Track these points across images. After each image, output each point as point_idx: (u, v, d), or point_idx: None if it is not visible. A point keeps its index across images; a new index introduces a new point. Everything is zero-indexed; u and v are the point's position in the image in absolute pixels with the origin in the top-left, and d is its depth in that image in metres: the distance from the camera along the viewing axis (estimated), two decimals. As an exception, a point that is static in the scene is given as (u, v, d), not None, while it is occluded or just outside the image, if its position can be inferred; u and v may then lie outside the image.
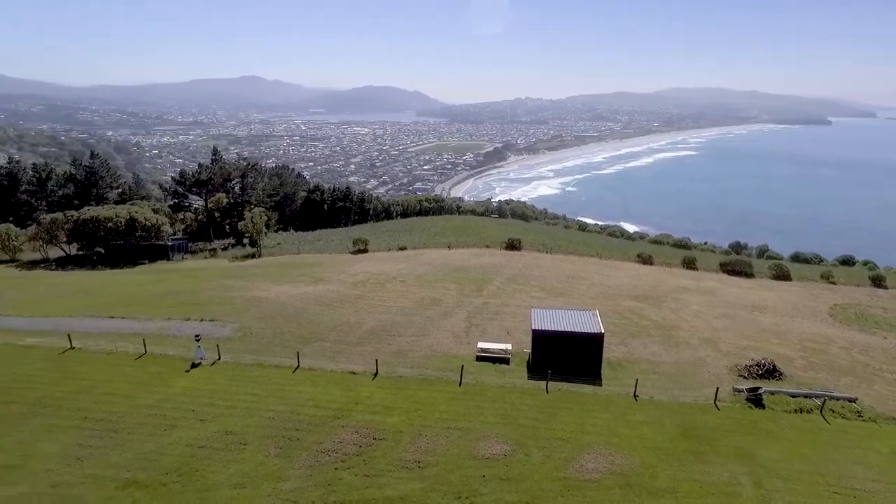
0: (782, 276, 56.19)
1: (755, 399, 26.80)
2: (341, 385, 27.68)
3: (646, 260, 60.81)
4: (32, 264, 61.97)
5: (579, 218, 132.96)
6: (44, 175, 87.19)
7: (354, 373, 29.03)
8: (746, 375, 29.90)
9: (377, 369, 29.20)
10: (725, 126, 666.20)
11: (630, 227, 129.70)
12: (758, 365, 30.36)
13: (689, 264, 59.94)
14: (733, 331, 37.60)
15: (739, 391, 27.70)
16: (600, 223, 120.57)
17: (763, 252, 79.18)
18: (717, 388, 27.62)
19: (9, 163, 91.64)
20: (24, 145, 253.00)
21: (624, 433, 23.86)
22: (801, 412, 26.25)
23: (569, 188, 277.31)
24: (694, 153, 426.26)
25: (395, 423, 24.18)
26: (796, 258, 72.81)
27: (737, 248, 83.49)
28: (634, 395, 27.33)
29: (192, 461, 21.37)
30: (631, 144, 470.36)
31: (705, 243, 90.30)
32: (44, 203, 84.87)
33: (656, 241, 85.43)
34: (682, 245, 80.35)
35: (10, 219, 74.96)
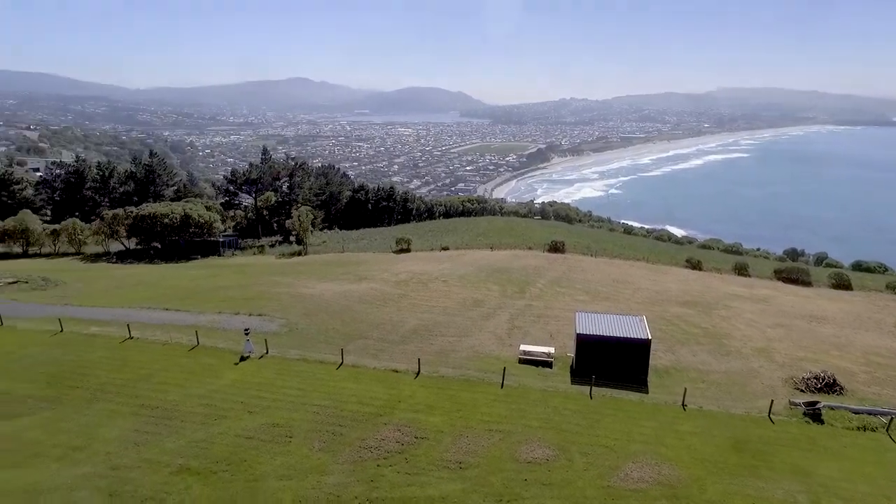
0: (843, 285, 53.35)
1: (813, 414, 25.52)
2: (384, 383, 28.00)
3: (695, 265, 58.92)
4: (95, 257, 65.46)
5: (624, 221, 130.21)
6: (107, 173, 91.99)
7: (397, 371, 29.31)
8: (804, 388, 28.53)
9: (419, 368, 29.38)
10: (781, 127, 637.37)
11: (677, 231, 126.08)
12: (816, 378, 28.90)
13: (741, 270, 57.70)
14: (789, 341, 35.95)
15: (796, 405, 26.43)
16: (646, 226, 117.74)
17: (821, 260, 75.52)
18: (772, 401, 26.43)
19: (76, 161, 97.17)
20: (90, 144, 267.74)
21: (671, 443, 23.16)
22: (864, 430, 24.81)
23: (613, 190, 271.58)
24: (746, 155, 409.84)
25: (437, 422, 24.25)
26: (858, 267, 69.01)
27: (793, 254, 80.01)
28: (683, 405, 26.50)
29: (240, 451, 22.05)
30: (679, 146, 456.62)
31: (758, 249, 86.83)
32: (106, 199, 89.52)
33: (705, 246, 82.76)
34: (733, 250, 77.58)
35: (77, 214, 79.42)
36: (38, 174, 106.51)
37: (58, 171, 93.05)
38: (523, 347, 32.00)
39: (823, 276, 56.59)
